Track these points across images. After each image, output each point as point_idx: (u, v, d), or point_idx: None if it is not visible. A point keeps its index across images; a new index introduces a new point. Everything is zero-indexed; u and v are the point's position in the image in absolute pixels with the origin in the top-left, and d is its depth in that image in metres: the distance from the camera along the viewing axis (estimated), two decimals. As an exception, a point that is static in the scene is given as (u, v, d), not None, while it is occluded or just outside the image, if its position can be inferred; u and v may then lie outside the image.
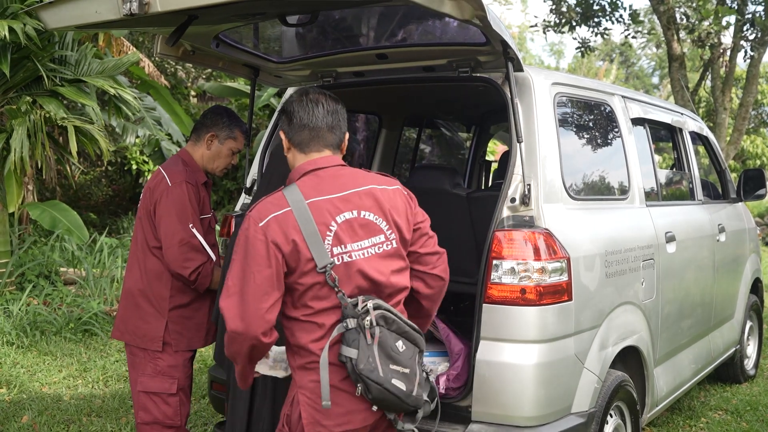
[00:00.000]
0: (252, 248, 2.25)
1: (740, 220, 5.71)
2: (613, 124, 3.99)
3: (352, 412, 2.31)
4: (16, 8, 6.83)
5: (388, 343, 2.28)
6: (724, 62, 12.77)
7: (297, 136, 2.44)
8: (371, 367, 2.22)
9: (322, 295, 2.29)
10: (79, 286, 7.92)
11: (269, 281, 2.23)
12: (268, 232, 2.25)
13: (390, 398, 2.25)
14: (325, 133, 2.45)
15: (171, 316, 3.30)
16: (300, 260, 2.26)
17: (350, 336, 2.25)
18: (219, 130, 3.46)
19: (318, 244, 2.27)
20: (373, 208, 2.38)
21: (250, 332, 2.23)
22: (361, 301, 2.28)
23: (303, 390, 2.33)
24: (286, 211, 2.29)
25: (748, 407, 5.29)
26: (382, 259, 2.37)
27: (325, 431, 2.31)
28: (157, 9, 2.46)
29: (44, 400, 5.17)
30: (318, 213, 2.30)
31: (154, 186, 3.32)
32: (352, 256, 2.32)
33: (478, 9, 2.57)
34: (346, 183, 2.40)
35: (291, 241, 2.25)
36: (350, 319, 2.26)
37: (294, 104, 2.45)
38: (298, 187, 2.35)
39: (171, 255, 3.22)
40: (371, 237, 2.36)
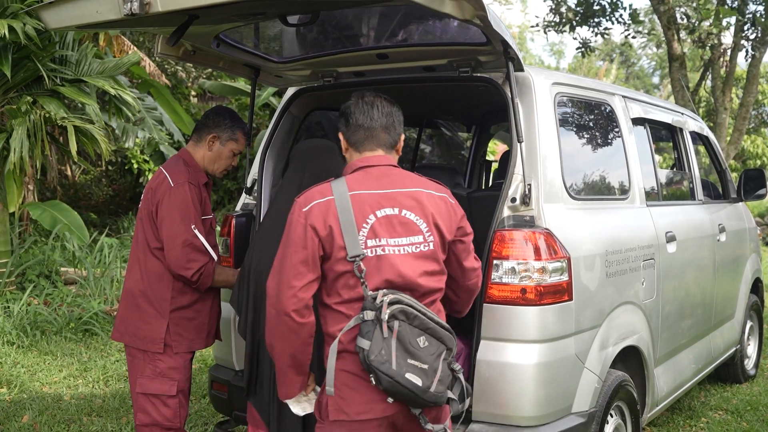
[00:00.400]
0: (293, 231, 2.40)
1: (740, 220, 5.71)
2: (613, 124, 3.99)
3: (372, 401, 2.38)
4: (16, 8, 6.83)
5: (408, 338, 2.33)
6: (724, 62, 12.76)
7: (353, 136, 2.56)
8: (383, 359, 2.28)
9: (351, 284, 2.39)
10: (80, 286, 7.92)
11: (303, 262, 2.36)
12: (309, 217, 2.39)
13: (403, 391, 2.30)
14: (379, 133, 2.55)
15: (172, 317, 3.29)
16: (334, 247, 2.38)
17: (365, 327, 2.32)
18: (221, 132, 3.44)
19: (352, 234, 2.37)
20: (415, 208, 2.46)
21: (281, 308, 2.35)
22: (381, 295, 2.34)
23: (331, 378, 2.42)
24: (328, 200, 2.41)
25: (748, 407, 5.29)
26: (417, 259, 2.44)
27: (347, 418, 2.39)
28: (157, 9, 2.46)
29: (45, 400, 5.17)
30: (358, 205, 2.41)
31: (155, 186, 3.31)
32: (386, 251, 2.40)
33: (478, 9, 2.57)
34: (393, 182, 2.49)
35: (328, 227, 2.37)
36: (368, 311, 2.33)
37: (351, 106, 2.58)
38: (346, 180, 2.47)
39: (173, 256, 3.20)
40: (410, 236, 2.44)
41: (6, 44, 6.81)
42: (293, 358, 2.45)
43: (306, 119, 4.20)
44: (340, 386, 2.39)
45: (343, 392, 2.39)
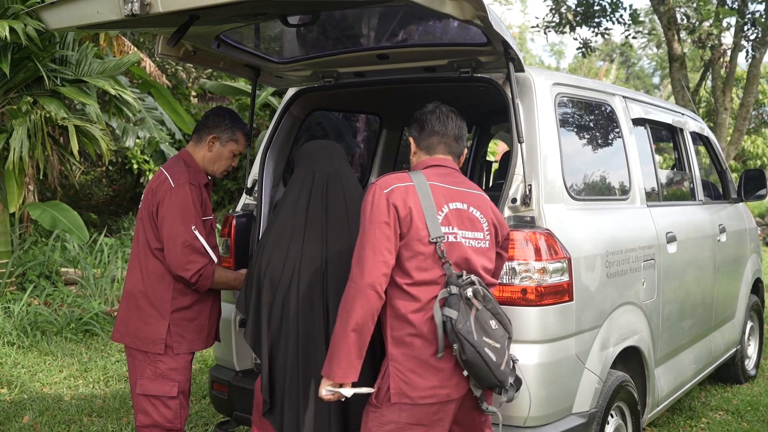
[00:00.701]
0: (375, 209, 2.52)
1: (741, 221, 5.71)
2: (613, 125, 3.99)
3: (436, 386, 2.50)
4: (17, 8, 6.83)
5: (484, 318, 2.50)
6: (724, 62, 12.76)
7: (426, 141, 2.77)
8: (468, 329, 2.43)
9: (426, 266, 2.52)
10: (80, 286, 7.92)
11: (387, 237, 2.49)
12: (391, 197, 2.54)
13: (481, 364, 2.44)
14: (451, 141, 2.77)
15: (173, 318, 3.27)
16: (411, 228, 2.51)
17: (452, 300, 2.47)
18: (221, 132, 3.42)
19: (433, 217, 2.54)
20: (480, 207, 2.68)
21: (368, 281, 2.45)
22: (465, 274, 2.53)
23: (394, 362, 2.52)
24: (408, 185, 2.58)
25: (748, 407, 5.29)
26: (478, 253, 2.63)
27: (410, 401, 2.49)
28: (158, 9, 2.47)
29: (45, 400, 5.17)
30: (435, 194, 2.59)
31: (156, 187, 3.30)
32: (458, 238, 2.58)
33: (478, 9, 2.57)
34: (461, 182, 2.72)
35: (408, 207, 2.52)
36: (453, 286, 2.49)
37: (427, 114, 2.79)
38: (422, 172, 2.66)
39: (173, 257, 3.19)
40: (474, 231, 2.63)
41: (6, 44, 6.81)
42: (361, 336, 2.48)
43: (306, 120, 4.20)
44: (405, 371, 2.50)
45: (407, 377, 2.49)
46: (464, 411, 2.62)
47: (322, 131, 5.59)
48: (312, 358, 2.78)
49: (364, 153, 5.79)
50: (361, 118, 6.07)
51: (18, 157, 6.80)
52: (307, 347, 2.80)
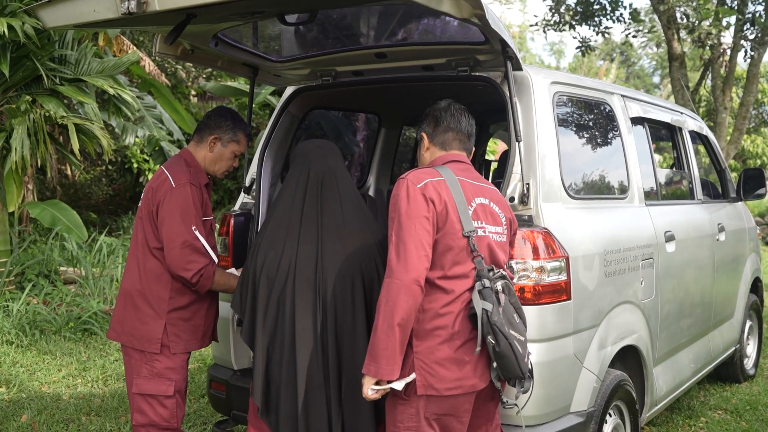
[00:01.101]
0: (413, 203, 2.53)
1: (740, 220, 5.71)
2: (612, 124, 3.99)
3: (461, 378, 2.54)
4: (14, 6, 6.83)
5: (509, 311, 2.55)
6: (724, 62, 12.76)
7: (440, 137, 2.81)
8: (502, 321, 2.48)
9: (459, 259, 2.55)
10: (79, 286, 7.92)
11: (428, 231, 2.51)
12: (426, 191, 2.55)
13: (511, 356, 2.49)
14: (465, 138, 2.82)
15: (169, 317, 3.26)
16: (447, 221, 2.55)
17: (486, 292, 2.51)
18: (222, 133, 3.41)
19: (465, 212, 2.59)
20: (498, 202, 2.75)
21: (412, 276, 2.46)
22: (495, 267, 2.60)
23: (420, 355, 2.54)
24: (440, 179, 2.61)
25: (747, 407, 5.28)
26: (501, 246, 2.70)
27: (436, 393, 2.52)
28: (155, 8, 2.46)
29: (43, 399, 5.17)
30: (464, 188, 2.64)
31: (157, 186, 3.28)
32: (486, 232, 2.64)
33: (476, 7, 2.57)
34: (479, 178, 2.78)
35: (443, 201, 2.56)
36: (486, 280, 2.53)
37: (441, 111, 2.83)
38: (447, 167, 2.69)
39: (173, 257, 3.18)
40: (496, 225, 2.69)
41: (5, 43, 6.81)
42: (405, 330, 2.48)
43: (305, 118, 4.20)
44: (431, 363, 2.52)
45: (433, 369, 2.52)
46: (480, 401, 2.65)
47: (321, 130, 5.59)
48: (306, 356, 2.77)
49: (363, 152, 5.78)
50: (360, 117, 6.06)
51: (20, 157, 6.79)
52: (303, 346, 2.79)
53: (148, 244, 3.28)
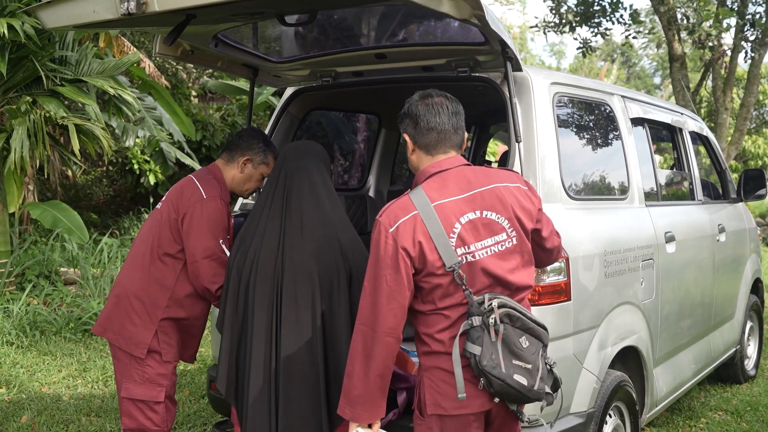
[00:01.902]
0: (383, 252, 2.38)
1: (740, 220, 5.70)
2: (612, 124, 3.99)
3: (470, 397, 2.41)
4: (14, 7, 6.83)
5: (512, 339, 2.37)
6: (724, 63, 12.75)
7: (423, 139, 2.53)
8: (494, 363, 2.32)
9: (450, 292, 2.40)
10: (79, 286, 7.92)
11: (400, 282, 2.37)
12: (398, 238, 2.37)
13: (511, 392, 2.36)
14: (450, 135, 2.53)
15: (161, 325, 3.24)
16: (427, 261, 2.37)
17: (475, 333, 2.34)
18: (254, 155, 3.40)
19: (445, 245, 2.37)
20: (495, 206, 2.45)
21: (383, 328, 2.37)
22: (487, 300, 2.36)
23: (427, 374, 2.46)
24: (413, 215, 2.39)
25: (748, 407, 5.28)
26: (504, 257, 2.45)
27: (444, 412, 2.43)
28: (154, 9, 2.46)
29: (43, 400, 5.17)
30: (443, 215, 2.40)
31: (185, 195, 3.24)
32: (476, 256, 2.41)
33: (476, 8, 2.57)
34: (471, 183, 2.48)
35: (418, 243, 2.36)
36: (475, 317, 2.35)
37: (419, 107, 2.54)
38: (424, 190, 2.45)
39: (200, 269, 3.16)
40: (493, 236, 2.44)
41: (4, 43, 6.81)
42: (384, 379, 2.45)
43: (305, 119, 4.20)
44: (438, 382, 2.44)
45: (440, 387, 2.43)
46: (498, 418, 2.53)
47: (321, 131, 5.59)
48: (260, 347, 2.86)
49: (363, 152, 5.78)
50: (360, 118, 6.06)
51: (19, 157, 6.79)
52: (257, 336, 2.87)
53: (160, 249, 3.24)
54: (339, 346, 2.82)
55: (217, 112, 14.26)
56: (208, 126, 12.95)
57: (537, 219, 2.55)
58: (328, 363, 2.84)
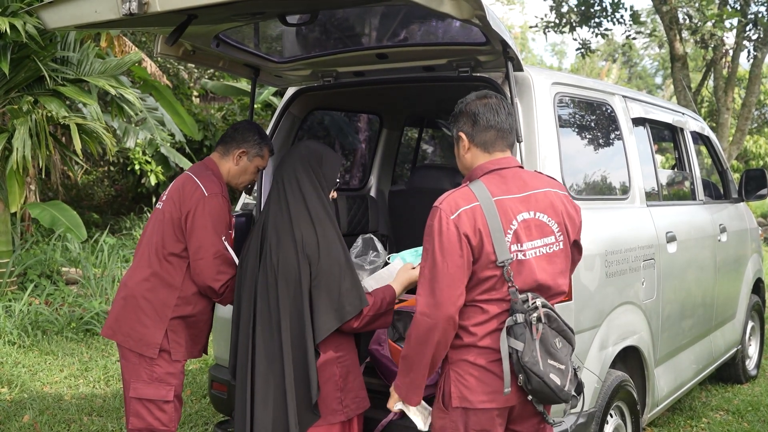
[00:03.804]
0: (446, 240, 2.40)
1: (742, 220, 5.70)
2: (613, 124, 3.99)
3: (496, 392, 2.45)
4: (16, 7, 6.84)
5: (549, 340, 2.43)
6: (726, 62, 12.74)
7: (481, 137, 2.57)
8: (534, 360, 2.37)
9: (494, 287, 2.44)
10: (81, 286, 7.93)
11: (461, 270, 2.40)
12: (460, 225, 2.41)
13: (546, 391, 2.39)
14: (507, 134, 2.59)
15: (171, 324, 3.24)
16: (483, 252, 2.41)
17: (518, 330, 2.39)
18: (249, 147, 3.42)
19: (501, 240, 2.42)
20: (547, 209, 2.52)
21: (443, 315, 2.40)
22: (531, 298, 2.42)
23: (454, 367, 2.49)
24: (474, 206, 2.44)
25: (749, 407, 5.28)
26: (550, 260, 2.51)
27: (470, 405, 2.46)
28: (156, 9, 2.46)
29: (45, 400, 5.18)
30: (502, 211, 2.45)
31: (185, 193, 3.24)
32: (526, 255, 2.46)
33: (477, 8, 2.57)
34: (526, 184, 2.54)
35: (478, 232, 2.41)
36: (519, 314, 2.40)
37: (478, 106, 2.58)
38: (484, 184, 2.49)
39: (203, 266, 3.17)
40: (543, 237, 2.50)
41: (6, 43, 6.82)
42: (434, 365, 2.50)
43: (306, 119, 4.20)
44: (465, 375, 2.47)
45: (467, 381, 2.47)
46: (523, 416, 2.55)
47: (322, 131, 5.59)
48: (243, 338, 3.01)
49: (364, 152, 5.79)
50: (361, 118, 6.07)
51: (21, 157, 6.80)
52: (242, 328, 3.03)
53: (165, 249, 3.24)
54: (303, 345, 2.87)
55: (219, 111, 14.28)
56: (210, 126, 12.97)
57: (578, 232, 2.64)
58: (295, 362, 2.88)
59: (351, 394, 2.97)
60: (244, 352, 2.99)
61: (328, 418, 2.91)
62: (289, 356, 2.87)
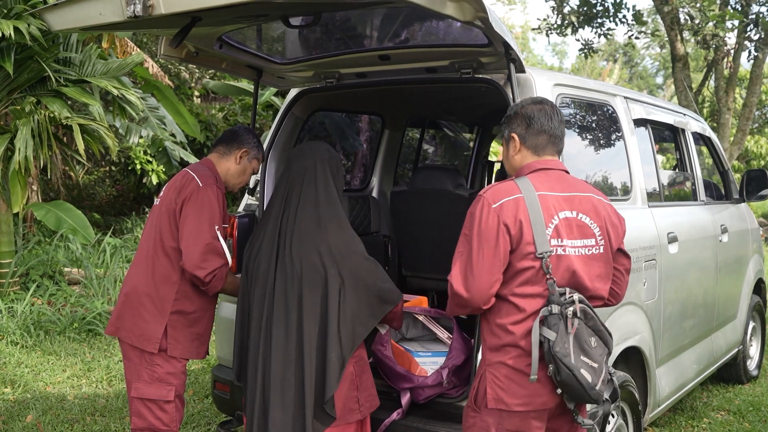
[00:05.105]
0: (486, 226, 2.46)
1: (743, 221, 5.71)
2: (615, 125, 4.00)
3: (533, 395, 2.47)
4: (20, 9, 6.86)
5: (584, 336, 2.44)
6: (727, 63, 12.74)
7: (534, 140, 2.64)
8: (566, 352, 2.38)
9: (532, 280, 2.47)
10: (83, 286, 7.94)
11: (497, 258, 2.45)
12: (501, 214, 2.46)
13: (575, 385, 2.39)
14: (557, 140, 2.66)
15: (171, 319, 3.26)
16: (521, 243, 2.45)
17: (552, 320, 2.41)
18: (251, 148, 3.50)
19: (541, 232, 2.46)
20: (590, 212, 2.56)
21: (474, 302, 2.47)
22: (568, 292, 2.45)
23: (491, 368, 2.52)
24: (517, 197, 2.49)
25: (750, 408, 5.29)
26: (589, 262, 2.54)
27: (506, 408, 2.48)
28: (161, 11, 2.48)
29: (48, 400, 5.19)
30: (545, 205, 2.50)
31: (182, 186, 3.29)
32: (566, 251, 2.49)
33: (479, 10, 2.58)
34: (571, 186, 2.60)
35: (519, 222, 2.45)
36: (554, 305, 2.42)
37: (534, 110, 2.65)
38: (529, 179, 2.55)
39: (191, 254, 3.18)
40: (584, 238, 2.54)
41: (10, 44, 6.84)
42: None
43: (309, 120, 4.21)
44: (502, 377, 2.48)
45: (504, 383, 2.48)
46: (559, 418, 2.57)
47: (325, 131, 5.61)
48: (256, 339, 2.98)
49: (366, 153, 5.80)
50: (363, 119, 6.09)
51: (24, 157, 6.82)
52: (256, 334, 2.99)
53: (163, 243, 3.27)
54: (324, 347, 2.86)
55: (220, 112, 14.29)
56: (211, 126, 12.97)
57: (621, 240, 2.65)
58: (314, 364, 2.87)
59: (365, 393, 2.99)
60: (255, 354, 2.96)
61: (346, 417, 2.92)
62: (311, 358, 2.85)
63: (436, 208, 4.43)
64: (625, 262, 2.72)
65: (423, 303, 3.81)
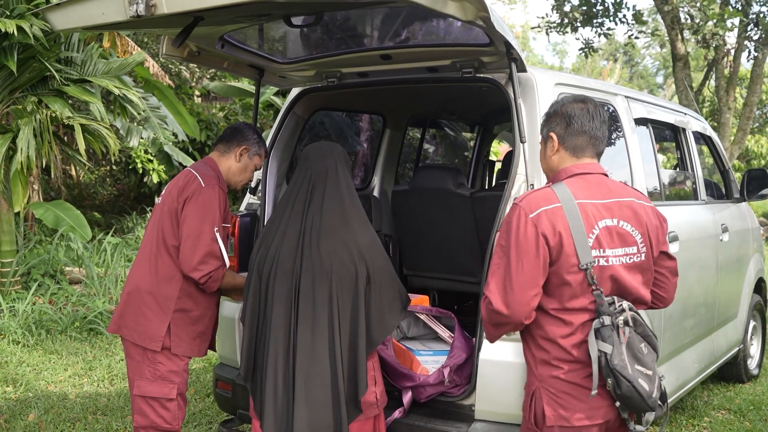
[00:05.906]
0: (523, 238, 2.35)
1: (744, 220, 5.71)
2: (616, 124, 4.00)
3: (594, 408, 2.39)
4: (22, 9, 6.87)
5: (635, 344, 2.36)
6: (728, 62, 12.74)
7: (573, 140, 2.52)
8: (623, 363, 2.29)
9: (577, 293, 2.37)
10: (84, 285, 7.95)
11: (536, 270, 2.34)
12: (539, 224, 2.34)
13: (635, 397, 2.32)
14: (598, 142, 2.55)
15: (174, 317, 3.27)
16: (562, 255, 2.35)
17: (605, 332, 2.32)
18: (251, 145, 3.49)
19: (583, 243, 2.35)
20: (631, 219, 2.46)
21: (515, 318, 2.36)
22: (617, 301, 2.37)
23: (545, 384, 2.43)
24: (555, 207, 2.37)
25: (751, 407, 5.29)
26: (631, 270, 2.45)
27: (567, 424, 2.39)
28: (163, 11, 2.49)
29: (50, 399, 5.20)
30: (585, 214, 2.39)
31: (184, 185, 3.29)
32: (609, 261, 2.40)
33: (481, 10, 2.58)
34: (610, 192, 2.49)
35: (558, 233, 2.34)
36: (606, 317, 2.33)
37: (575, 110, 2.53)
38: (567, 186, 2.44)
39: (188, 255, 3.18)
40: (625, 247, 2.44)
41: (12, 44, 6.85)
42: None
43: (310, 119, 4.22)
44: (559, 393, 2.40)
45: (562, 399, 2.40)
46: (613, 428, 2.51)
47: (326, 131, 5.61)
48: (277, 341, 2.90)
49: (367, 152, 5.81)
50: (365, 118, 6.10)
51: (26, 157, 6.83)
52: (275, 331, 2.92)
53: (165, 242, 3.28)
54: (355, 343, 2.86)
55: (221, 111, 14.30)
56: (212, 125, 12.98)
57: (664, 241, 2.57)
58: (344, 360, 2.86)
59: (381, 388, 3.03)
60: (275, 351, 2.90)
61: (366, 412, 2.94)
62: (340, 355, 2.84)
63: (437, 207, 4.44)
64: (669, 264, 2.64)
65: (424, 302, 3.82)
